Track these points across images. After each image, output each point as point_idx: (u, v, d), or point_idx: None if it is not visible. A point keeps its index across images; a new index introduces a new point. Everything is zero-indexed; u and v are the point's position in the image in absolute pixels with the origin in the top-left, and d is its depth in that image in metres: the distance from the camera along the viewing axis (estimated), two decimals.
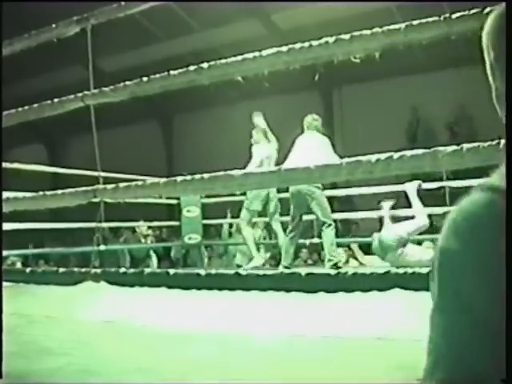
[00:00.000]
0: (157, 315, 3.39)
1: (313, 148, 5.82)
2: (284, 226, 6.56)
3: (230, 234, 9.37)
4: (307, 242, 7.90)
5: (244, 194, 6.55)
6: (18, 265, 8.89)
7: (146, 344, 2.75)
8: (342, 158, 1.92)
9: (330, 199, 6.87)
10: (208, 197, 8.20)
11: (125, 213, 6.50)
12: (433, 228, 8.03)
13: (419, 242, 6.65)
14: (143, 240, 9.47)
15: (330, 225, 5.89)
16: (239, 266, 7.93)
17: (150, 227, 9.74)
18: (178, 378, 2.10)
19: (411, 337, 2.34)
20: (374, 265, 6.37)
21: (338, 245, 6.57)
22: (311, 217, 6.32)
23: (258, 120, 6.66)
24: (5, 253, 7.58)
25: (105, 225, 7.47)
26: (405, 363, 2.01)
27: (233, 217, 8.82)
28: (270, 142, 6.68)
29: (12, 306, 4.10)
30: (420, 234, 6.36)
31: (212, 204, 8.67)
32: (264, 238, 8.53)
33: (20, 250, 9.09)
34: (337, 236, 6.25)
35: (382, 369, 2.04)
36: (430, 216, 6.50)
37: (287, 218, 6.33)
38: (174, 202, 8.88)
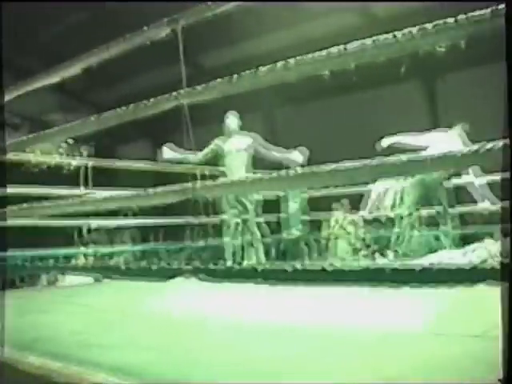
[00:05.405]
0: (247, 311, 3.42)
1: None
2: None
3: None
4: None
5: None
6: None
7: (237, 340, 2.77)
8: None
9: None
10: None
11: None
12: None
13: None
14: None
15: None
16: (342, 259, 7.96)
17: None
18: (269, 376, 2.08)
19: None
20: None
21: None
22: None
23: None
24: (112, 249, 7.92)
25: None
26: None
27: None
28: None
29: (105, 301, 4.36)
30: None
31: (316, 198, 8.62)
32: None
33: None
34: None
35: None
36: None
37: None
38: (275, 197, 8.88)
